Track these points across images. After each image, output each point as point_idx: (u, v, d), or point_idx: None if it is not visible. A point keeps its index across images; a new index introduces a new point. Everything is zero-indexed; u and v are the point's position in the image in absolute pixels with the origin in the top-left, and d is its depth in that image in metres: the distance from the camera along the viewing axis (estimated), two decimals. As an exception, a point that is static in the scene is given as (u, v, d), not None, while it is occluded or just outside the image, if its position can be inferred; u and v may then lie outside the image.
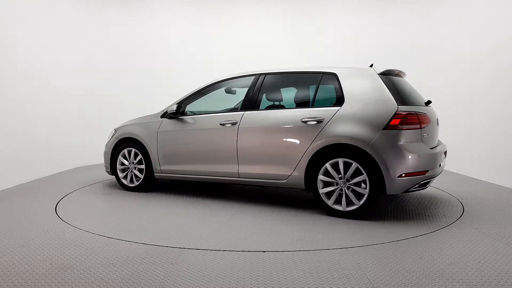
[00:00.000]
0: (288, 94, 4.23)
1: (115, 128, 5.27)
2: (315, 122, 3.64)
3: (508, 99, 5.22)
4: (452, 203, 4.08)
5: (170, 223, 3.46)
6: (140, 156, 4.78)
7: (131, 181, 4.87)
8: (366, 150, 3.38)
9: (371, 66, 3.84)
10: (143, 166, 4.76)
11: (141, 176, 4.78)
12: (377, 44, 7.41)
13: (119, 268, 2.44)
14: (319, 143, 3.59)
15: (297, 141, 3.72)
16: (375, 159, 3.35)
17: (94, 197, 4.56)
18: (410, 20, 7.38)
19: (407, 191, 3.42)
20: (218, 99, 4.75)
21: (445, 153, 3.96)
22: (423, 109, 3.63)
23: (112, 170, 5.03)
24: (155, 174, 4.70)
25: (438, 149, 3.69)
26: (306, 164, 3.67)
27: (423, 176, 3.40)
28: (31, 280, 2.26)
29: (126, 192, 4.83)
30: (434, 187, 4.84)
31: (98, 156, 7.39)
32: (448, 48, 6.72)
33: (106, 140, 7.70)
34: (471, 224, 3.33)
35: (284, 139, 3.80)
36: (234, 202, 4.25)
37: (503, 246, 2.79)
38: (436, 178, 3.84)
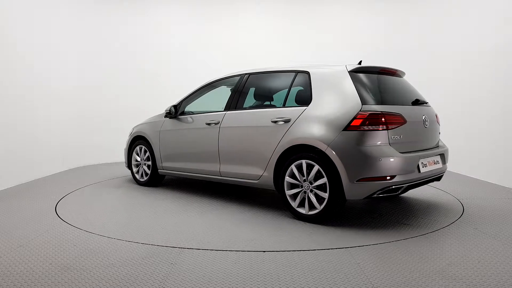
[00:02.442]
0: (268, 93, 4.25)
1: (133, 126, 5.56)
2: (283, 122, 3.58)
3: (508, 99, 5.22)
4: (452, 203, 4.08)
5: (170, 222, 3.46)
6: (148, 153, 5.10)
7: (141, 176, 5.23)
8: (325, 152, 3.22)
9: (360, 63, 3.70)
10: (150, 163, 5.07)
11: (149, 172, 5.11)
12: (377, 44, 7.42)
13: (119, 268, 2.44)
14: (284, 144, 3.52)
15: (267, 142, 3.68)
16: (333, 161, 3.18)
17: (94, 197, 4.56)
18: (410, 20, 7.39)
19: (370, 196, 3.16)
20: (221, 99, 4.79)
21: (442, 156, 3.73)
22: (402, 109, 3.36)
23: (129, 166, 5.43)
24: (158, 170, 4.99)
25: (420, 153, 3.37)
26: (274, 165, 3.63)
27: (388, 182, 3.09)
28: (31, 280, 2.26)
29: (126, 191, 4.84)
30: (434, 187, 4.84)
31: (98, 156, 7.42)
32: (449, 48, 6.72)
33: (106, 140, 7.75)
34: (471, 224, 3.33)
35: (256, 139, 3.80)
36: (240, 202, 4.26)
37: (503, 246, 2.79)
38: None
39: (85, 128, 7.27)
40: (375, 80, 3.58)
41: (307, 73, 3.67)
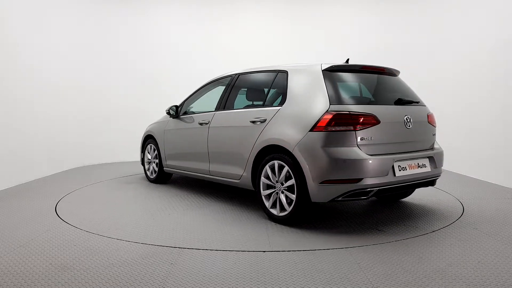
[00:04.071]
0: (253, 93, 4.27)
1: (148, 125, 5.75)
2: (260, 123, 3.56)
3: (508, 99, 5.22)
4: (452, 203, 4.08)
5: (171, 222, 3.46)
6: (156, 152, 5.28)
7: (151, 173, 5.47)
8: (292, 152, 3.16)
9: (347, 61, 3.62)
10: (158, 161, 5.30)
11: (157, 170, 5.31)
12: (377, 44, 7.41)
13: (119, 268, 2.44)
14: (259, 144, 3.51)
15: (246, 142, 3.68)
16: (299, 162, 3.12)
17: (94, 197, 4.55)
18: (411, 20, 7.39)
19: (335, 200, 3.04)
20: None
21: (431, 159, 3.45)
22: (378, 109, 3.20)
23: (143, 163, 5.69)
24: (164, 168, 5.14)
25: (398, 155, 3.17)
26: (251, 165, 3.62)
27: (354, 185, 2.96)
28: (31, 280, 2.26)
29: (126, 191, 4.84)
30: (434, 187, 4.82)
31: (98, 156, 7.42)
32: (448, 48, 6.72)
33: (106, 140, 7.74)
34: (471, 224, 3.33)
35: (237, 139, 3.82)
36: (243, 203, 4.26)
37: (503, 246, 2.79)
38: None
39: (85, 128, 7.27)
40: (354, 78, 3.51)
41: (286, 72, 3.62)
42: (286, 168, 3.25)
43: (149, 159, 5.49)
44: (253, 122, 3.63)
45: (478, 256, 2.60)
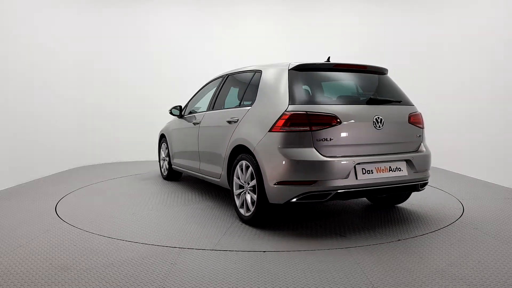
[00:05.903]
0: (236, 93, 4.28)
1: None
2: (234, 122, 3.58)
3: (508, 98, 5.22)
4: (452, 203, 4.08)
5: (171, 222, 3.46)
6: (167, 150, 5.54)
7: (164, 171, 5.69)
8: (253, 152, 3.15)
9: (328, 59, 3.56)
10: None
11: (168, 167, 5.53)
12: (377, 44, 7.41)
13: (119, 268, 2.44)
14: (231, 144, 3.54)
15: (223, 141, 3.72)
16: (258, 163, 3.10)
17: (94, 197, 4.55)
18: (410, 20, 7.38)
19: (290, 201, 2.93)
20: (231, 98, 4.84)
21: (409, 162, 3.18)
22: (344, 109, 3.05)
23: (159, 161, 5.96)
24: (172, 166, 5.31)
25: (365, 157, 2.99)
26: (227, 164, 3.65)
27: (309, 187, 2.85)
28: (31, 280, 2.26)
29: (126, 191, 4.84)
30: (434, 187, 4.83)
31: (98, 156, 7.41)
32: (448, 48, 6.72)
33: (106, 140, 7.74)
34: (471, 224, 3.33)
35: (217, 139, 3.87)
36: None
37: (503, 246, 2.79)
38: (435, 178, 3.67)
39: (85, 128, 7.27)
40: (325, 77, 3.46)
41: (260, 72, 3.60)
42: (251, 168, 3.23)
43: (163, 157, 5.71)
44: (229, 122, 3.67)
45: (478, 256, 2.60)
